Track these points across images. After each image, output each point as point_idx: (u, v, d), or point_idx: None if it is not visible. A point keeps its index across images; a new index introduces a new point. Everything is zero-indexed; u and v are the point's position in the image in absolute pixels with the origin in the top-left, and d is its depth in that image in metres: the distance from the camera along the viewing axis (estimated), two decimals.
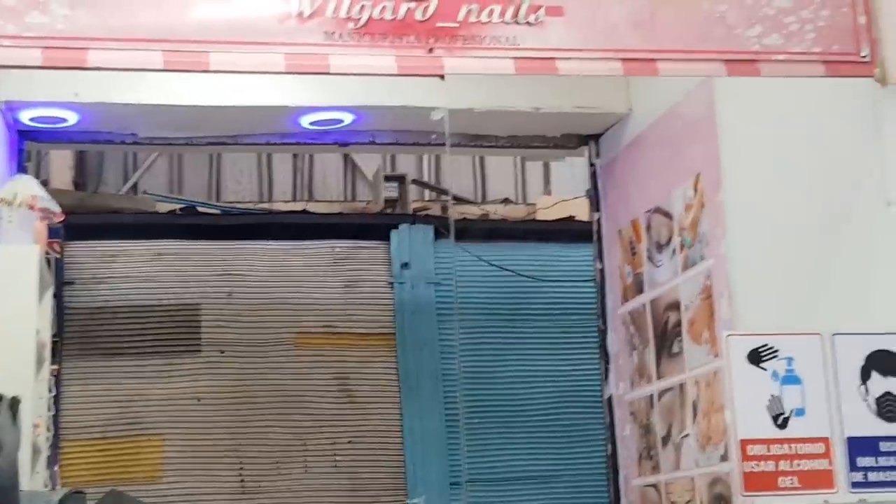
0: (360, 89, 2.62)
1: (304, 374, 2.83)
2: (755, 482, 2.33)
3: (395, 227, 2.85)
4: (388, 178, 3.00)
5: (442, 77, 2.39)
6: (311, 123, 2.79)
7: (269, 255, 2.99)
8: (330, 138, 2.84)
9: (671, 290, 2.73)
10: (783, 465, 2.36)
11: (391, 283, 2.85)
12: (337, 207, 3.00)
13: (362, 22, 2.27)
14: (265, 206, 3.08)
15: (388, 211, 2.98)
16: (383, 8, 2.30)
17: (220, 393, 2.93)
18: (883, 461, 2.39)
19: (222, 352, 2.96)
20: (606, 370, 2.79)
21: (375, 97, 2.61)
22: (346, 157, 3.01)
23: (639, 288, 2.84)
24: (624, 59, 2.51)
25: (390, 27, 2.30)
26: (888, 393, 2.41)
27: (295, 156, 3.04)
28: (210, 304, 3.02)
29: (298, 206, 3.10)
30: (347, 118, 2.73)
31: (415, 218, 2.91)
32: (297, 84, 2.66)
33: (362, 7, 2.25)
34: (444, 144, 2.64)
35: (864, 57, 2.57)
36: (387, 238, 2.84)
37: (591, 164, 2.91)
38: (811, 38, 2.56)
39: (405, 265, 2.82)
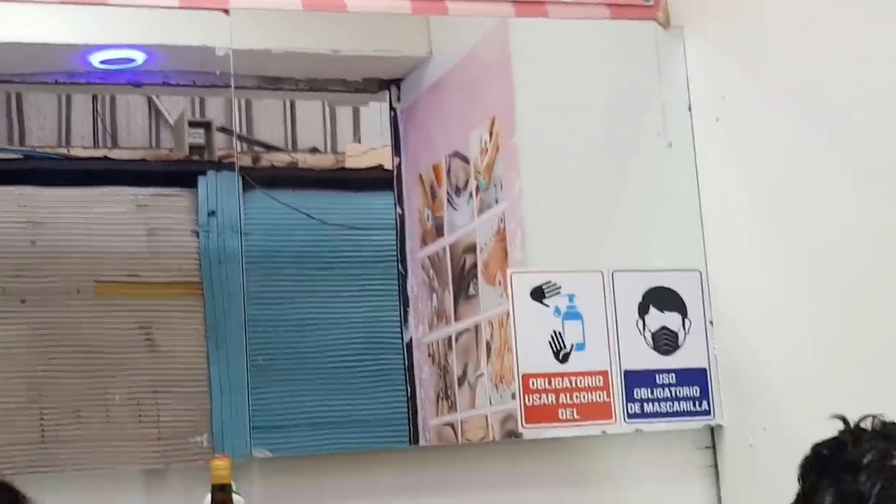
0: (149, 26, 2.56)
1: (107, 323, 2.76)
2: (536, 414, 2.47)
3: (203, 174, 2.83)
4: (192, 125, 2.91)
5: (226, 12, 2.37)
6: (102, 62, 2.70)
7: (71, 203, 2.91)
8: (123, 78, 2.77)
9: (468, 234, 2.81)
10: (563, 398, 2.49)
11: (196, 232, 2.81)
12: (141, 154, 2.96)
13: None
14: (63, 151, 3.04)
15: (195, 158, 2.95)
16: None
17: (20, 343, 2.87)
18: (658, 393, 2.58)
19: (23, 301, 2.91)
20: (406, 314, 2.89)
21: (165, 35, 2.58)
22: (149, 102, 2.95)
23: (438, 232, 2.91)
24: None
25: None
26: (664, 328, 2.60)
27: (94, 99, 2.99)
28: (10, 252, 2.98)
29: (100, 153, 3.08)
30: (139, 57, 2.63)
31: (220, 165, 2.87)
32: (85, 20, 2.60)
33: None
34: (238, 87, 2.60)
35: (647, 1, 2.72)
36: (193, 186, 2.80)
37: (392, 109, 2.94)
38: None
39: (212, 213, 2.75)
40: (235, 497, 2.26)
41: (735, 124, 2.67)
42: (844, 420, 1.54)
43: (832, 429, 1.53)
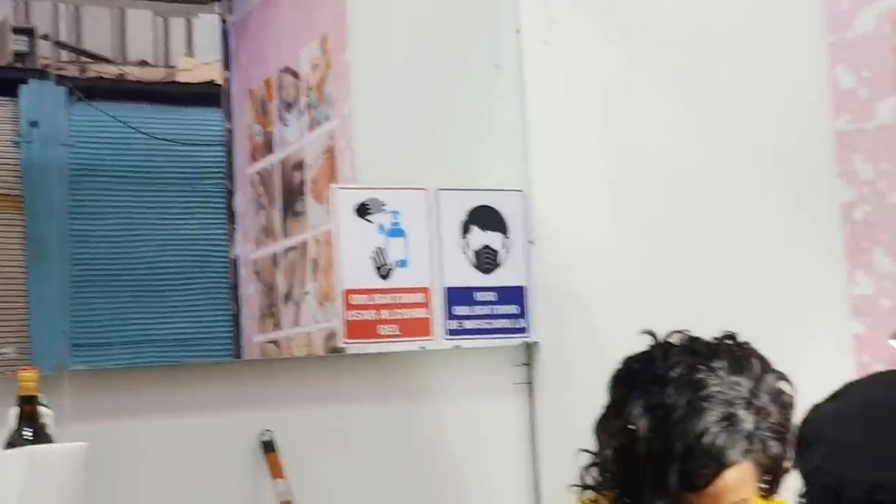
0: None
1: None
2: (357, 330, 2.52)
3: (25, 82, 2.81)
4: (16, 31, 2.92)
5: None
6: None
7: None
8: None
9: (298, 150, 2.91)
10: (384, 314, 2.56)
11: (17, 143, 2.79)
12: None
13: None
14: None
15: (17, 66, 2.90)
16: None
17: None
18: (478, 310, 2.67)
19: None
20: (233, 231, 2.97)
21: None
22: None
23: (268, 148, 3.00)
24: None
25: None
26: (486, 246, 2.71)
27: None
28: None
29: None
30: None
31: (44, 74, 2.86)
32: None
33: None
34: None
35: None
36: (14, 95, 2.80)
37: (224, 21, 2.98)
38: None
39: (33, 124, 2.80)
40: (44, 409, 2.20)
41: (563, 48, 2.75)
42: (654, 335, 1.65)
43: (643, 343, 1.65)
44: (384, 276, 2.57)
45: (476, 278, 2.71)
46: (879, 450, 1.12)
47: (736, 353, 1.70)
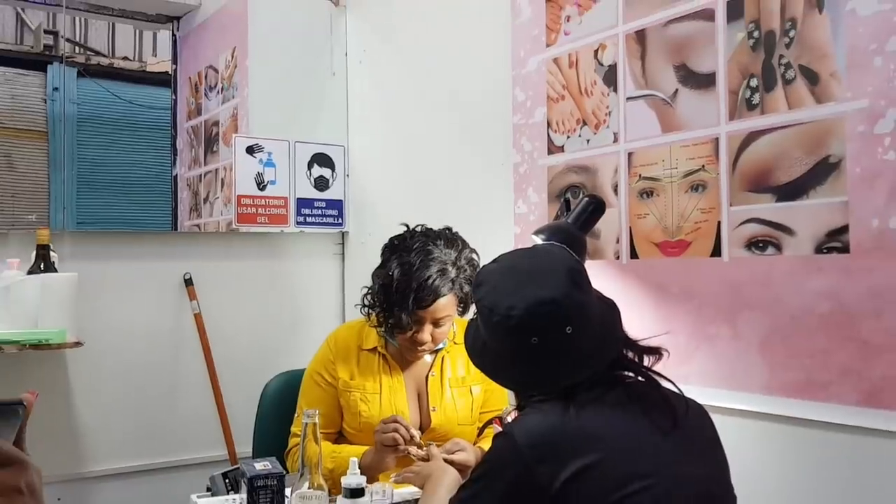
0: None
1: None
2: (244, 218, 3.32)
3: (51, 64, 3.30)
4: (46, 32, 3.38)
5: None
6: None
7: None
8: None
9: (215, 115, 3.52)
10: (261, 211, 3.35)
11: (45, 100, 3.24)
12: (10, 48, 3.39)
13: None
14: None
15: (47, 53, 3.38)
16: None
17: None
18: (315, 212, 3.48)
19: None
20: (175, 160, 3.44)
21: None
22: (17, 14, 3.36)
23: (198, 112, 3.50)
24: None
25: None
26: (321, 176, 3.49)
27: None
28: None
29: None
30: None
31: (64, 60, 3.30)
32: None
33: None
34: (76, 9, 3.18)
35: None
36: (44, 71, 3.27)
37: (174, 35, 3.50)
38: None
39: (55, 89, 3.21)
40: (52, 253, 2.78)
41: (370, 65, 3.50)
42: (407, 226, 2.22)
43: (401, 229, 2.22)
44: (261, 189, 3.35)
45: (315, 194, 3.47)
46: (511, 288, 1.42)
47: (449, 237, 2.21)
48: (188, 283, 3.24)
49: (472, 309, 1.93)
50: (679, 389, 1.46)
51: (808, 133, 1.92)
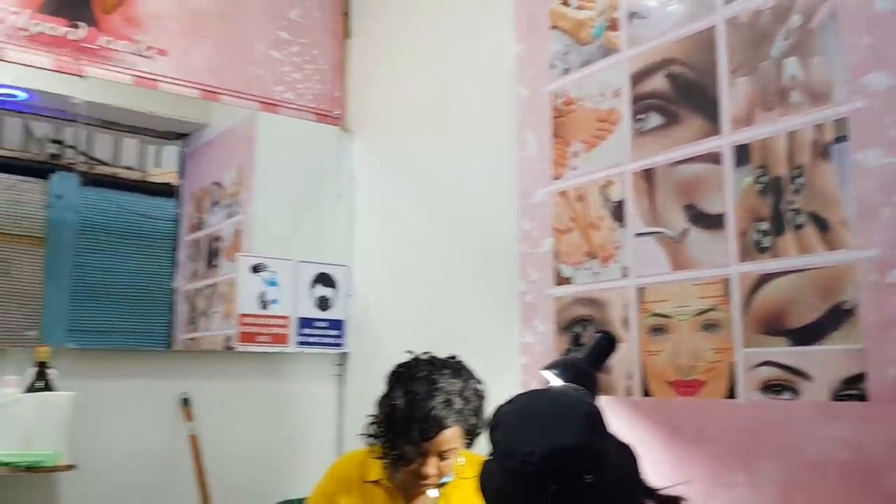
0: (32, 77, 2.98)
1: None
2: (245, 337, 3.24)
3: (54, 172, 3.21)
4: (52, 141, 3.32)
5: (81, 76, 2.93)
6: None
7: None
8: (10, 107, 3.16)
9: (218, 230, 3.44)
10: (262, 330, 3.28)
11: (46, 207, 3.13)
12: (16, 154, 3.31)
13: (31, 32, 2.84)
14: None
15: (52, 161, 3.32)
16: (50, 27, 2.89)
17: None
18: (317, 332, 3.40)
19: None
20: (175, 272, 3.34)
21: (41, 83, 3.00)
22: (24, 123, 3.33)
23: (200, 227, 3.43)
24: (201, 90, 3.25)
25: (51, 40, 2.87)
26: (324, 296, 3.40)
27: None
28: None
29: None
30: (22, 95, 3.08)
31: (68, 168, 3.27)
32: None
33: (35, 24, 2.83)
34: (84, 123, 3.13)
35: (336, 114, 3.60)
36: (47, 178, 3.19)
37: (182, 151, 3.45)
38: (309, 98, 3.54)
39: (58, 197, 3.14)
40: (50, 370, 2.71)
41: (373, 189, 3.49)
42: (412, 353, 2.15)
43: (406, 356, 2.14)
44: (264, 307, 3.28)
45: (317, 313, 3.40)
46: (528, 432, 1.36)
47: (455, 366, 2.14)
48: (185, 403, 3.15)
49: (485, 446, 1.79)
50: None
51: (820, 278, 1.92)
